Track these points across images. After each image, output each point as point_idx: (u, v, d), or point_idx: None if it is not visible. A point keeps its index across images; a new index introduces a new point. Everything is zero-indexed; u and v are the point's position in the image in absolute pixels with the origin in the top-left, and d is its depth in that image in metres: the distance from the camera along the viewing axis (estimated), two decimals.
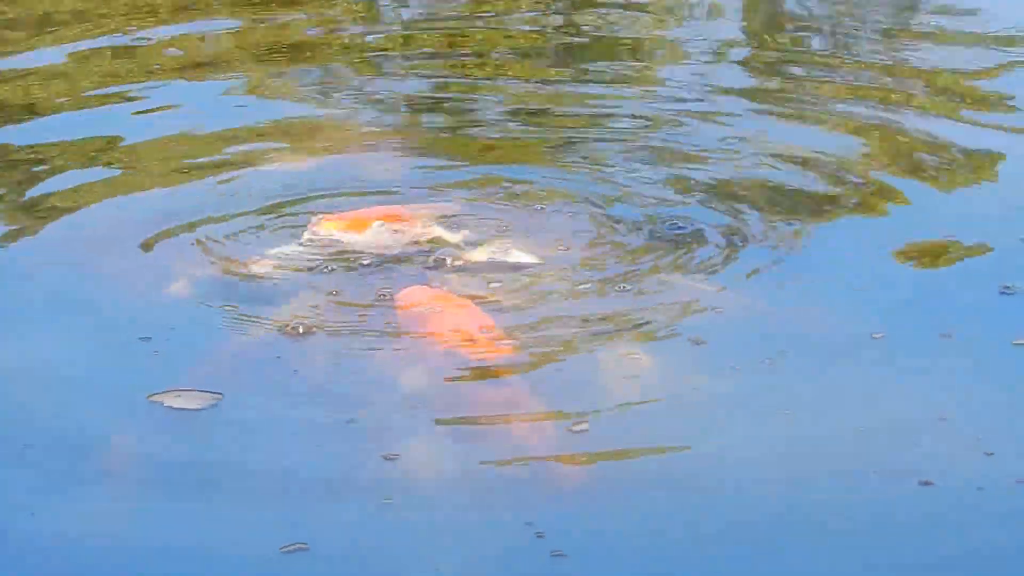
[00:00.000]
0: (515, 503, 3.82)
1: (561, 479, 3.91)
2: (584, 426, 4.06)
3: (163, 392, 4.18)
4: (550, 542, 3.64)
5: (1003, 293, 4.69)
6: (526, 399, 4.20)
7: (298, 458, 3.97)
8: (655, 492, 3.86)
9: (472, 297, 4.66)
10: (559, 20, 7.79)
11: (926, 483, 3.82)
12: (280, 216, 5.28)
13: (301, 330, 4.46)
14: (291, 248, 4.99)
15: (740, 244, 5.03)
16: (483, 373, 4.30)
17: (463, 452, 4.02)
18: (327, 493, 3.85)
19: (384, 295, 4.66)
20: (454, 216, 5.23)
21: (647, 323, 4.54)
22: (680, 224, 5.14)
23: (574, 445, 4.00)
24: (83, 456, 4.02)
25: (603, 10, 8.00)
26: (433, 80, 6.87)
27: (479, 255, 4.92)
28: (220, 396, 4.18)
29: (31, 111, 6.42)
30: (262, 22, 7.72)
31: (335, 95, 6.66)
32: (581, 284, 4.75)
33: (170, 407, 4.14)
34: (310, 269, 4.86)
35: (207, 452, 4.02)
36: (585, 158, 5.80)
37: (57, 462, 3.99)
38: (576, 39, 7.50)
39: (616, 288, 4.73)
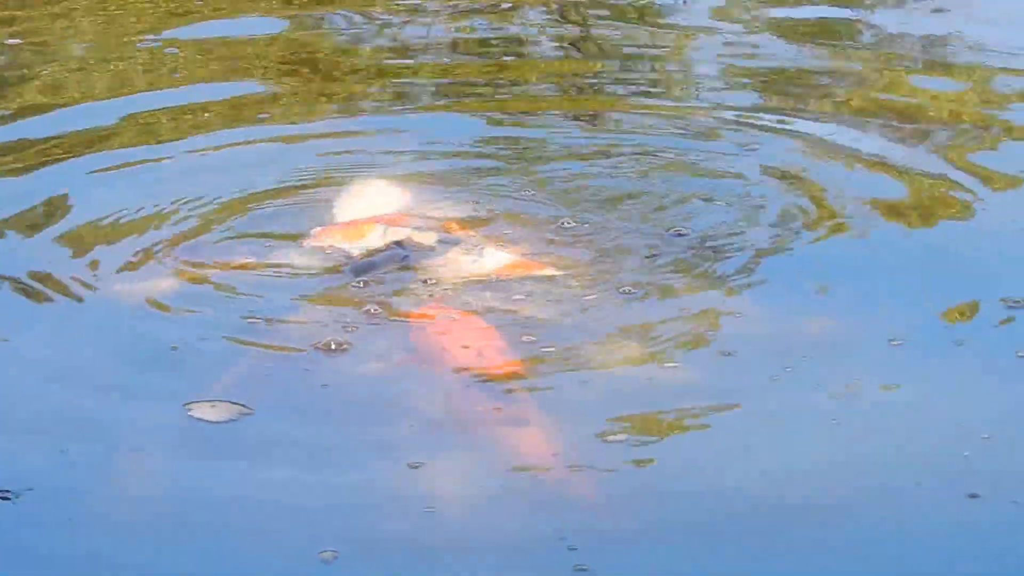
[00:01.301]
0: (548, 516, 3.84)
1: (593, 492, 3.92)
2: (620, 436, 4.06)
3: (196, 402, 4.19)
4: (580, 556, 3.65)
5: (1011, 307, 4.70)
6: (552, 411, 4.22)
7: (323, 469, 4.00)
8: (688, 505, 3.87)
9: (488, 309, 4.68)
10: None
11: (973, 496, 3.83)
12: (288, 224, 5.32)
13: (333, 347, 4.44)
14: (296, 259, 5.00)
15: (749, 253, 5.04)
16: (507, 386, 4.32)
17: (492, 464, 4.04)
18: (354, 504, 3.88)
19: (391, 308, 4.67)
20: (456, 220, 5.25)
21: (662, 332, 4.56)
22: (691, 231, 5.15)
23: (606, 455, 4.01)
24: (116, 463, 4.04)
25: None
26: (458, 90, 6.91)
27: (459, 257, 4.95)
28: (251, 411, 4.16)
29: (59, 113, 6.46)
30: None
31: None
32: (592, 294, 4.77)
33: (201, 418, 4.15)
34: (317, 280, 4.87)
35: (235, 462, 4.04)
36: (596, 167, 5.82)
37: (89, 468, 4.01)
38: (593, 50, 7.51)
39: (627, 297, 4.74)
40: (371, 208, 5.33)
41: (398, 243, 4.99)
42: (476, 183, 5.65)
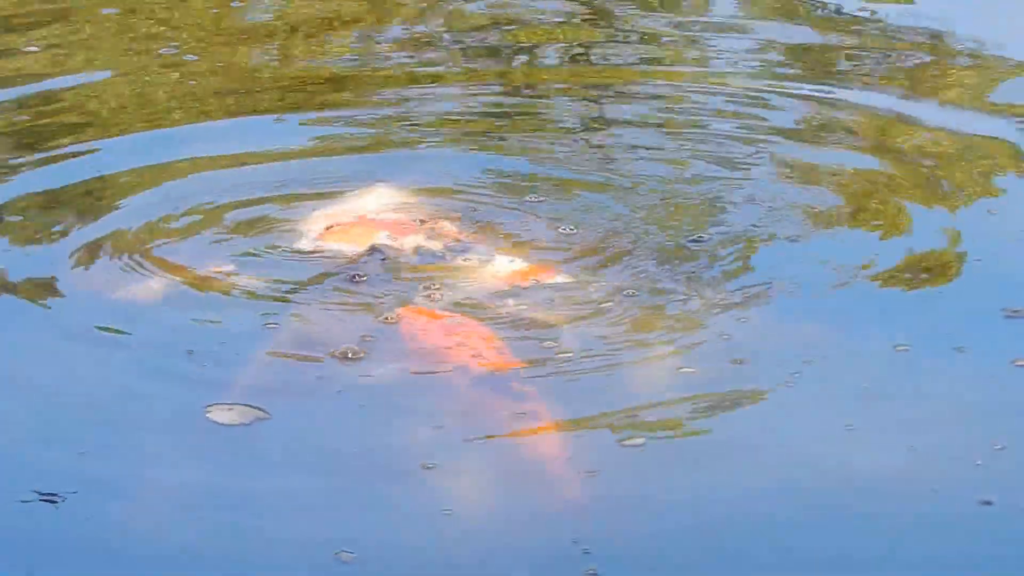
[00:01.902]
0: (562, 520, 3.88)
1: (605, 496, 3.96)
2: (639, 441, 4.08)
3: (214, 405, 4.23)
4: (595, 560, 3.68)
5: (1009, 316, 4.75)
6: (566, 416, 4.25)
7: (339, 471, 4.06)
8: (703, 510, 3.90)
9: (501, 316, 4.71)
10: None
11: (986, 503, 3.87)
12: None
13: (350, 355, 4.47)
14: (310, 260, 5.04)
15: (758, 259, 5.08)
16: (521, 391, 4.35)
17: (506, 469, 4.09)
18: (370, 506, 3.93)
19: (404, 316, 4.69)
20: (463, 225, 5.28)
21: (673, 338, 4.59)
22: (701, 237, 5.18)
23: (621, 459, 4.05)
24: (137, 466, 4.07)
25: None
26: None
27: (470, 264, 4.97)
28: (268, 415, 4.19)
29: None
30: None
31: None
32: (605, 300, 4.78)
33: (219, 421, 4.18)
34: (327, 283, 4.90)
35: (253, 464, 4.09)
36: (609, 169, 5.84)
37: (108, 471, 4.04)
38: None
39: (639, 303, 4.76)
40: (377, 211, 5.37)
41: (374, 247, 5.01)
42: (487, 187, 5.68)
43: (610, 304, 4.76)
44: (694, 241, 5.16)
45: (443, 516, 3.85)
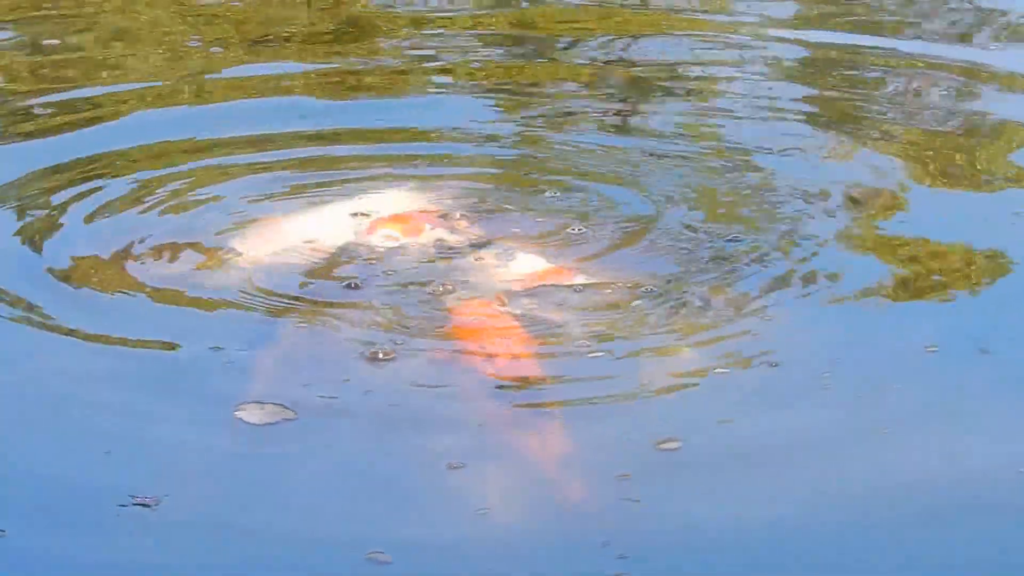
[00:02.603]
0: (592, 521, 3.84)
1: (641, 500, 3.91)
2: (675, 445, 4.04)
3: (243, 404, 4.21)
4: (627, 565, 3.65)
5: None
6: (596, 418, 4.23)
7: (371, 473, 4.02)
8: (734, 514, 3.86)
9: (530, 317, 4.68)
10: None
11: None
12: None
13: (381, 355, 4.43)
14: (347, 251, 5.04)
15: (784, 257, 5.06)
16: (551, 393, 4.34)
17: (536, 471, 4.05)
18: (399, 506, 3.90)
19: (431, 318, 4.67)
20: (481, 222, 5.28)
21: (700, 336, 4.57)
22: (737, 238, 5.16)
23: (653, 461, 4.02)
24: (164, 465, 4.04)
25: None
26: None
27: (493, 263, 4.97)
28: (296, 414, 4.16)
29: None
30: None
31: None
32: (634, 299, 4.76)
33: (247, 420, 4.16)
34: (366, 277, 4.89)
35: (283, 465, 4.05)
36: (642, 171, 5.82)
37: (137, 470, 4.01)
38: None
39: (667, 304, 4.74)
40: (400, 208, 5.38)
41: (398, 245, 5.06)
42: (504, 183, 5.70)
43: (639, 304, 4.73)
44: (731, 241, 5.14)
45: (474, 517, 3.83)
